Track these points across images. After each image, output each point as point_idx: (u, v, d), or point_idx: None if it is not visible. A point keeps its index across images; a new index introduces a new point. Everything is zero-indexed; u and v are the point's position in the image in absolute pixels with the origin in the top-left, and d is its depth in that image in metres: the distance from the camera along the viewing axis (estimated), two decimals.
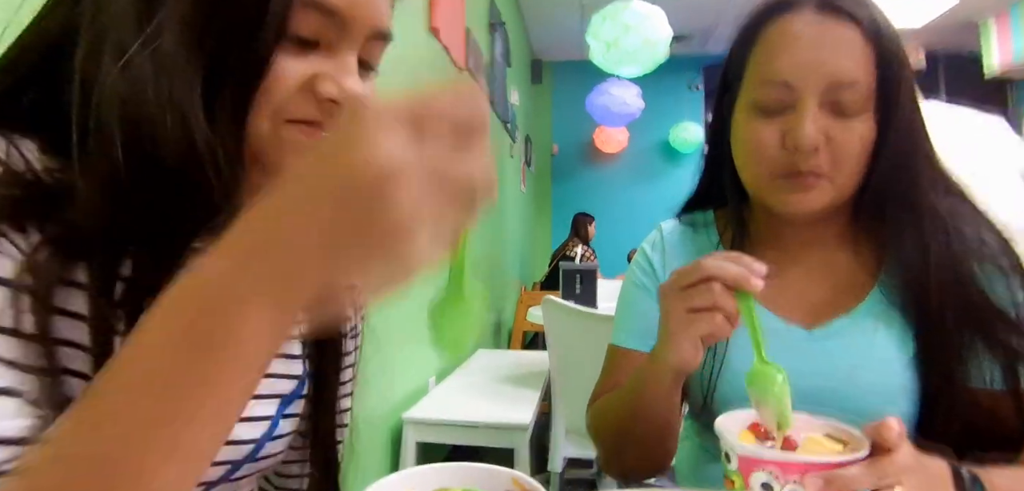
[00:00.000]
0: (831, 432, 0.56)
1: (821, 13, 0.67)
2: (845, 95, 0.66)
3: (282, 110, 0.43)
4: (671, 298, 0.62)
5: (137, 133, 0.39)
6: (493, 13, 3.81)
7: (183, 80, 0.40)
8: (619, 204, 6.61)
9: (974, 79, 5.38)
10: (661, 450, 0.76)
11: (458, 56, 2.77)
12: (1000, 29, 5.00)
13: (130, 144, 0.39)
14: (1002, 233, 0.71)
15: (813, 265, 0.77)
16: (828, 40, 0.66)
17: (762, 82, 0.69)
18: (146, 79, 0.39)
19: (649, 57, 3.52)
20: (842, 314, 0.73)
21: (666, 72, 4.33)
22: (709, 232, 0.85)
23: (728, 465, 0.54)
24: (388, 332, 1.97)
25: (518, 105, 5.14)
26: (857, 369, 0.70)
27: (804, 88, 0.66)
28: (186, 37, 0.40)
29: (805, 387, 0.70)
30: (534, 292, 4.78)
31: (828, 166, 0.67)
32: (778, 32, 0.69)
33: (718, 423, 0.56)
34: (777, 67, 0.68)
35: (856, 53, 0.66)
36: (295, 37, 0.42)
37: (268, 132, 0.43)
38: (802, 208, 0.70)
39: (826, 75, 0.65)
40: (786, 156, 0.68)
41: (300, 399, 0.56)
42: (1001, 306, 0.67)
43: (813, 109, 0.66)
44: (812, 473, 0.49)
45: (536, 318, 2.62)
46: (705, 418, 0.78)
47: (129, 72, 0.39)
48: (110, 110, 0.39)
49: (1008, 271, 0.69)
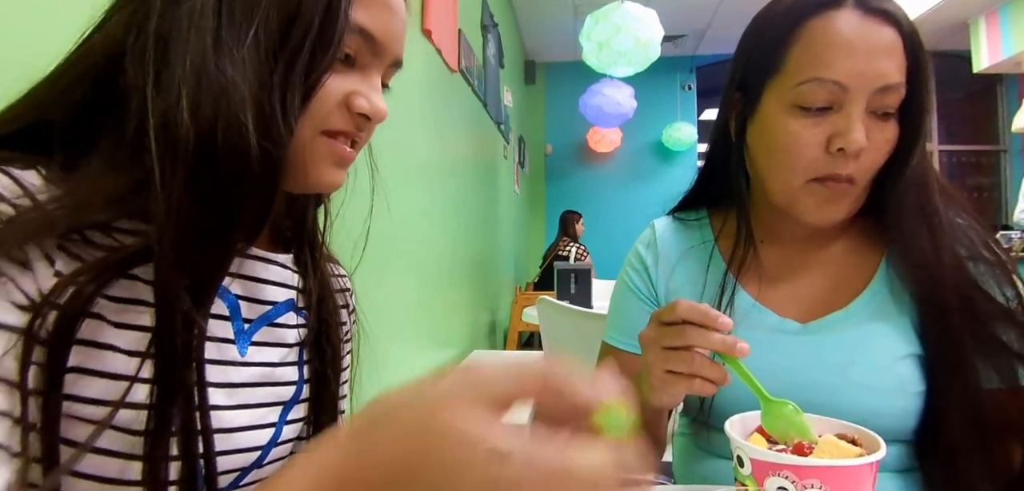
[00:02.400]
0: (843, 432, 0.56)
1: (865, 14, 0.65)
2: (889, 98, 0.65)
3: (323, 122, 0.48)
4: (651, 354, 0.61)
5: (215, 146, 0.41)
6: (486, 14, 3.81)
7: (261, 89, 0.43)
8: (613, 204, 6.63)
9: (963, 77, 5.43)
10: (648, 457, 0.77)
11: (450, 58, 2.77)
12: (989, 28, 5.05)
13: (207, 151, 0.41)
14: (988, 232, 0.72)
15: (810, 261, 0.77)
16: (877, 41, 0.65)
17: (810, 80, 0.66)
18: (226, 87, 0.42)
19: (642, 57, 3.53)
20: (837, 310, 0.74)
21: (659, 72, 4.35)
22: (702, 230, 0.85)
23: (741, 469, 0.53)
24: (384, 336, 1.97)
25: (511, 106, 5.14)
26: (850, 365, 0.70)
27: (857, 89, 0.64)
28: (260, 55, 0.43)
29: (797, 382, 0.70)
30: (528, 292, 4.79)
31: (861, 172, 0.67)
32: (824, 29, 0.66)
33: (728, 427, 0.56)
34: (829, 65, 0.65)
35: (897, 56, 0.65)
36: (341, 56, 0.47)
37: (307, 140, 0.48)
38: (833, 219, 0.69)
39: (878, 77, 0.64)
40: (828, 160, 0.66)
41: (300, 403, 0.57)
42: (1006, 303, 0.68)
43: (861, 112, 0.65)
44: (834, 474, 0.49)
45: (531, 318, 2.62)
46: (701, 417, 0.78)
47: (205, 86, 0.41)
48: (195, 104, 0.41)
49: (997, 269, 0.69)
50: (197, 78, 0.41)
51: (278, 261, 0.56)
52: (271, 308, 0.54)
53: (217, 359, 0.49)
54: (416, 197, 2.35)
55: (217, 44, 0.42)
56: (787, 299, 0.76)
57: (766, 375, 0.73)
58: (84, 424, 0.41)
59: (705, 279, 0.81)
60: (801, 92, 0.67)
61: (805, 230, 0.76)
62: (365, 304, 0.74)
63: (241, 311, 0.52)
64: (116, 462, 0.42)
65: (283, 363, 0.55)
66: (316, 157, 0.49)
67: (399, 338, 2.16)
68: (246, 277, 0.53)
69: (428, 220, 2.54)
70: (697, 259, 0.83)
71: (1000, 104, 6.24)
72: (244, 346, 0.51)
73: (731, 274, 0.79)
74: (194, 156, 0.41)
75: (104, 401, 0.41)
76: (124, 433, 0.42)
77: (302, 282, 0.57)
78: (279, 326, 0.55)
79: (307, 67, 0.45)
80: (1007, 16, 4.85)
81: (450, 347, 2.92)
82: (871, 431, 0.54)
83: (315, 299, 0.57)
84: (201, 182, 0.41)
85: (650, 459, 0.75)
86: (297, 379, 0.56)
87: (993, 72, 5.27)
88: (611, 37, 3.45)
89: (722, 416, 0.59)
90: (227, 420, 0.49)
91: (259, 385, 0.52)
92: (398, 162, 2.10)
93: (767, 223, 0.79)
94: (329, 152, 0.49)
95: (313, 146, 0.48)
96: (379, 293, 1.90)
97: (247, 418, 0.51)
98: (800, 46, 0.67)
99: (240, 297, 0.52)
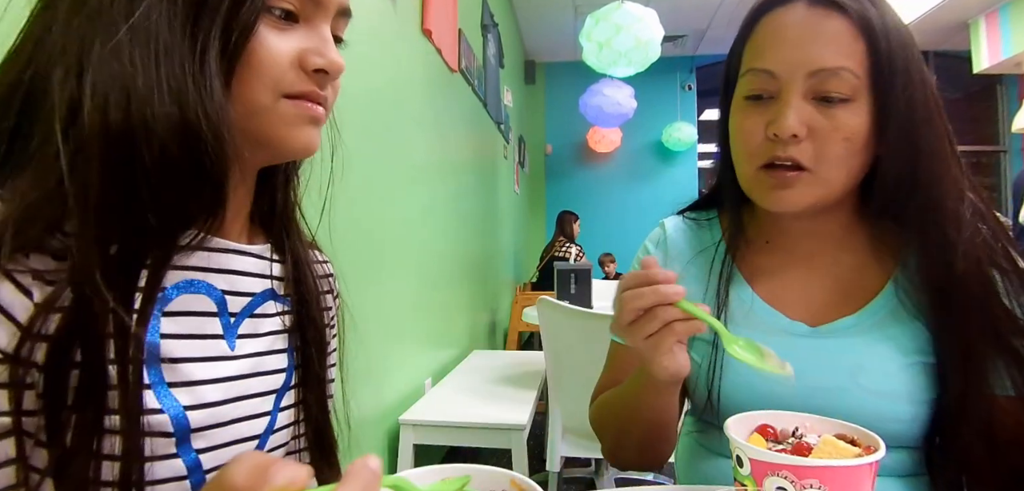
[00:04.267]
0: (842, 432, 0.56)
1: (811, 6, 0.68)
2: (829, 84, 0.66)
3: (278, 85, 0.47)
4: (627, 335, 0.64)
5: (133, 118, 0.40)
6: (486, 14, 3.81)
7: (175, 60, 0.42)
8: (612, 204, 6.63)
9: (963, 77, 5.43)
10: (660, 447, 0.77)
11: (451, 58, 2.77)
12: (989, 28, 5.05)
13: (125, 132, 0.40)
14: (1010, 239, 0.71)
15: (818, 264, 0.77)
16: (813, 31, 0.67)
17: (750, 72, 0.70)
18: (140, 63, 0.41)
19: (642, 57, 3.54)
20: (848, 314, 0.73)
21: (659, 72, 4.35)
22: (712, 230, 0.85)
23: (740, 469, 0.53)
24: (384, 336, 1.97)
25: (511, 106, 5.14)
26: (860, 370, 0.70)
27: (787, 77, 0.67)
28: (175, 19, 0.42)
29: (807, 385, 0.70)
30: (527, 292, 4.78)
31: (810, 158, 0.67)
32: (769, 26, 0.70)
33: (728, 426, 0.56)
34: (763, 58, 0.69)
35: (843, 42, 0.66)
36: (279, 12, 0.47)
37: (268, 105, 0.47)
38: (785, 206, 0.70)
39: (808, 63, 0.66)
40: (768, 146, 0.68)
41: (291, 390, 0.58)
42: (1017, 317, 0.67)
43: (796, 98, 0.66)
44: (833, 474, 0.48)
45: (531, 318, 2.62)
46: (708, 416, 0.78)
47: (120, 60, 0.41)
48: (104, 98, 0.40)
49: (1013, 277, 0.68)
50: (100, 65, 0.40)
51: (253, 252, 0.56)
52: (251, 299, 0.55)
53: (212, 355, 0.50)
54: (416, 197, 2.35)
55: (128, 24, 0.41)
56: (797, 302, 0.76)
57: (774, 378, 0.73)
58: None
59: (713, 279, 0.81)
60: (743, 84, 0.71)
61: (808, 229, 0.76)
62: (365, 304, 0.74)
63: (227, 306, 0.52)
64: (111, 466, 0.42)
65: (270, 352, 0.56)
66: (284, 121, 0.48)
67: (399, 338, 2.16)
68: (229, 271, 0.53)
69: (428, 220, 2.54)
70: (706, 259, 0.83)
71: (1000, 104, 6.24)
72: (232, 340, 0.52)
73: (740, 274, 0.79)
74: (105, 148, 0.40)
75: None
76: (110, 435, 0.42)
77: (281, 269, 0.58)
78: (260, 316, 0.55)
79: (226, 25, 0.43)
80: (1007, 16, 4.85)
81: (450, 347, 2.92)
82: (871, 431, 0.54)
83: (292, 281, 0.58)
84: (117, 173, 0.40)
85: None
86: (286, 366, 0.57)
87: (993, 72, 5.27)
88: (611, 37, 3.45)
89: (730, 414, 0.59)
90: (225, 414, 0.50)
91: (250, 376, 0.53)
92: (398, 162, 2.10)
93: (771, 222, 0.79)
94: (296, 114, 0.49)
95: (277, 111, 0.48)
96: (379, 293, 1.90)
97: (243, 409, 0.51)
98: (751, 43, 0.72)
99: (225, 292, 0.52)
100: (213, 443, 0.48)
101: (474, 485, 0.46)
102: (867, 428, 0.56)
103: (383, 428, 1.97)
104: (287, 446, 0.59)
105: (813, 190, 0.69)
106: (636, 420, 0.73)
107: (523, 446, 1.97)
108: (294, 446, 0.60)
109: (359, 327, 0.70)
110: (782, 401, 0.64)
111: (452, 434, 2.03)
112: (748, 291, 0.78)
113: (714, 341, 0.75)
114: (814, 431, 0.57)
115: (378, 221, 1.88)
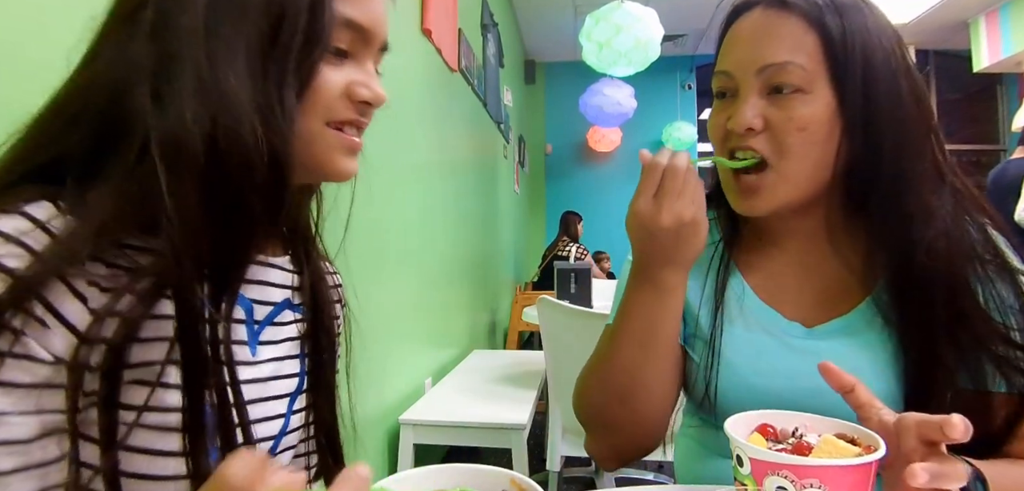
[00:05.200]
0: (842, 432, 0.56)
1: (764, 10, 0.72)
2: (779, 77, 0.69)
3: (327, 114, 0.52)
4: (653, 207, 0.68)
5: (226, 143, 0.44)
6: (486, 14, 3.81)
7: (257, 90, 0.46)
8: (613, 203, 6.63)
9: (963, 76, 5.43)
10: (639, 413, 0.76)
11: (450, 57, 2.77)
12: (989, 28, 5.05)
13: (220, 156, 0.44)
14: (1007, 231, 0.71)
15: (809, 263, 0.77)
16: (763, 30, 0.71)
17: (715, 75, 0.75)
18: (226, 97, 0.45)
19: (641, 57, 3.54)
20: (840, 315, 0.73)
21: (659, 72, 4.36)
22: (712, 231, 0.85)
23: (740, 469, 0.53)
24: (384, 336, 1.97)
25: (511, 105, 5.14)
26: (854, 372, 0.70)
27: (740, 75, 0.71)
28: (253, 52, 0.46)
29: (805, 386, 0.70)
30: (528, 292, 4.79)
31: (768, 150, 0.69)
32: (731, 33, 0.75)
33: (727, 426, 0.56)
34: (724, 60, 0.74)
35: (793, 37, 0.69)
36: (334, 50, 0.51)
37: (317, 132, 0.52)
38: (755, 210, 0.72)
39: (757, 60, 0.70)
40: (730, 139, 0.72)
41: (302, 393, 0.60)
42: (998, 310, 0.66)
43: (751, 95, 0.70)
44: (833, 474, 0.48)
45: (531, 318, 2.62)
46: (706, 412, 0.78)
47: (207, 97, 0.44)
48: (202, 125, 0.44)
49: (1014, 271, 0.68)
50: (198, 93, 0.44)
51: (277, 264, 0.59)
52: (272, 308, 0.58)
53: (238, 360, 0.53)
54: (416, 197, 2.35)
55: (212, 57, 0.45)
56: (793, 302, 0.76)
57: (773, 377, 0.73)
58: (143, 429, 0.45)
59: (711, 278, 0.81)
60: (714, 89, 0.76)
61: (793, 228, 0.77)
62: (365, 304, 0.74)
63: (254, 314, 0.56)
64: (167, 461, 0.46)
65: (287, 357, 0.59)
66: (327, 148, 0.53)
67: (399, 338, 2.16)
68: (257, 282, 0.56)
69: (428, 220, 2.54)
70: (705, 259, 0.83)
71: (1000, 104, 6.25)
72: (254, 346, 0.55)
73: (739, 273, 0.80)
74: (203, 168, 0.44)
75: (141, 407, 0.44)
76: (162, 430, 0.45)
77: (298, 279, 0.61)
78: (278, 325, 0.58)
79: (298, 62, 0.48)
80: (1007, 16, 4.85)
81: (450, 347, 2.92)
82: (868, 430, 0.54)
83: (310, 291, 0.61)
84: (212, 191, 0.44)
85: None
86: (299, 371, 0.60)
87: (993, 72, 5.27)
88: (611, 37, 3.46)
89: (728, 414, 0.59)
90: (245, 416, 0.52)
91: (269, 380, 0.56)
92: (398, 162, 2.10)
93: (762, 221, 0.80)
94: (339, 143, 0.53)
95: (323, 138, 0.52)
96: (379, 293, 1.90)
97: (260, 411, 0.55)
98: (720, 50, 0.77)
99: (253, 301, 0.56)
100: (233, 443, 0.50)
101: (474, 485, 0.47)
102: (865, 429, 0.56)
103: (383, 428, 1.97)
104: (297, 448, 0.61)
105: (779, 189, 0.70)
106: (636, 349, 0.73)
107: (523, 446, 1.97)
108: (304, 448, 0.63)
109: (360, 327, 0.70)
110: (779, 400, 0.64)
111: (452, 434, 2.03)
112: (747, 291, 0.79)
113: (711, 341, 0.76)
114: (814, 430, 0.57)
115: (378, 221, 1.88)
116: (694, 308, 0.81)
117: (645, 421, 0.77)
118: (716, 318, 0.77)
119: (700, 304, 0.80)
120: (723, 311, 0.78)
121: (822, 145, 0.69)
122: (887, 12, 0.74)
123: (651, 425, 0.78)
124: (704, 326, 0.79)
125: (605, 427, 0.82)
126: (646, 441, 0.79)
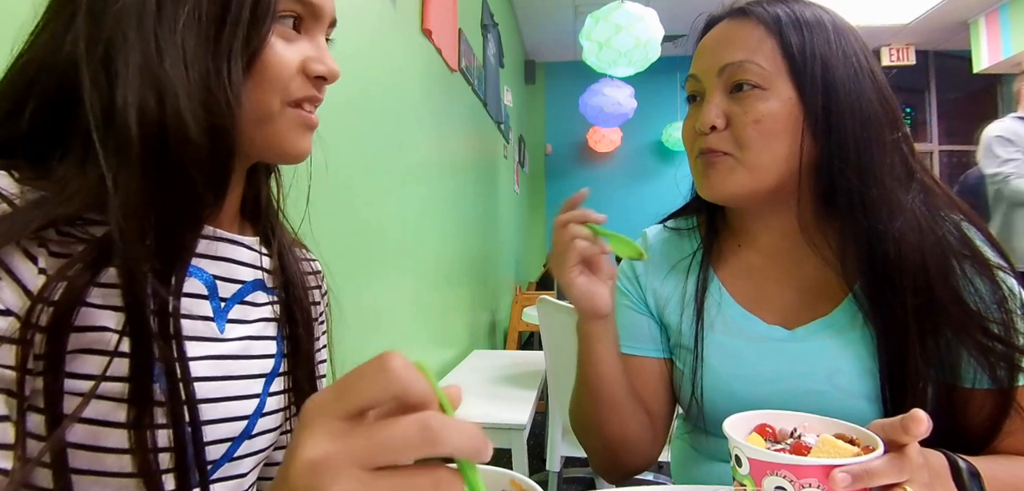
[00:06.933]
0: (841, 432, 0.56)
1: (728, 21, 0.77)
2: (737, 75, 0.72)
3: (285, 93, 0.52)
4: (552, 265, 0.74)
5: (168, 121, 0.44)
6: (486, 14, 3.81)
7: (203, 67, 0.46)
8: (613, 204, 6.62)
9: (963, 76, 5.43)
10: (621, 430, 0.78)
11: (450, 57, 2.78)
12: (989, 28, 5.05)
13: (162, 134, 0.44)
14: (982, 226, 0.71)
15: (786, 262, 0.78)
16: (724, 36, 0.76)
17: (686, 82, 0.81)
18: (172, 70, 0.45)
19: (642, 57, 3.53)
20: (822, 314, 0.74)
21: (659, 72, 4.35)
22: (692, 237, 0.86)
23: (739, 469, 0.53)
24: (383, 336, 1.97)
25: (511, 106, 5.14)
26: (837, 373, 0.70)
27: (705, 78, 0.76)
28: (200, 28, 0.47)
29: (787, 389, 0.71)
30: (529, 292, 4.79)
31: (730, 144, 0.73)
32: (701, 43, 0.80)
33: (726, 426, 0.56)
34: (693, 66, 0.79)
35: (749, 40, 0.73)
36: (282, 20, 0.51)
37: (276, 112, 0.52)
38: (716, 189, 0.74)
39: (717, 62, 0.74)
40: (698, 138, 0.76)
41: (281, 376, 0.61)
42: (976, 306, 0.66)
43: (715, 95, 0.74)
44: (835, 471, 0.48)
45: (531, 318, 2.62)
46: (694, 415, 0.79)
47: (154, 68, 0.45)
48: (143, 104, 0.44)
49: (990, 266, 0.68)
50: (137, 73, 0.44)
51: (245, 243, 0.59)
52: (241, 287, 0.58)
53: (202, 335, 0.53)
54: (416, 197, 2.35)
55: (153, 33, 0.45)
56: (773, 305, 0.77)
57: (755, 383, 0.74)
58: (82, 397, 0.44)
59: (690, 285, 0.82)
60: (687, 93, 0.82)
61: (765, 226, 0.78)
62: (365, 304, 0.74)
63: (218, 290, 0.55)
64: (111, 431, 0.46)
65: (260, 337, 0.59)
66: (286, 127, 0.53)
67: (399, 338, 2.16)
68: (220, 258, 0.56)
69: (428, 220, 2.54)
70: (685, 266, 0.84)
71: (1000, 104, 6.24)
72: (222, 323, 0.55)
73: (717, 279, 0.81)
74: (143, 145, 0.44)
75: (99, 377, 0.44)
76: (114, 402, 0.46)
77: (269, 262, 0.62)
78: (249, 304, 0.59)
79: (247, 36, 0.48)
80: (1007, 16, 4.85)
81: (450, 347, 2.92)
82: (868, 431, 0.54)
83: (279, 269, 0.62)
84: (153, 167, 0.44)
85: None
86: (276, 353, 0.60)
87: (993, 72, 5.27)
88: (611, 37, 3.45)
89: (715, 420, 0.60)
90: (212, 391, 0.53)
91: (239, 358, 0.56)
92: (398, 162, 2.10)
93: (739, 223, 0.82)
94: (298, 120, 0.54)
95: (283, 118, 0.52)
96: (379, 293, 1.90)
97: (231, 389, 0.55)
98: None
99: (216, 277, 0.56)
100: (200, 419, 0.51)
101: None
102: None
103: None
104: (279, 428, 0.61)
105: (739, 174, 0.72)
106: (584, 390, 0.77)
107: (523, 446, 1.97)
108: (287, 427, 0.62)
109: (359, 327, 0.70)
110: (763, 405, 0.64)
111: None
112: (725, 296, 0.80)
113: (695, 348, 0.78)
114: (813, 431, 0.57)
115: (378, 221, 1.88)
116: (676, 318, 0.82)
117: (632, 442, 0.79)
118: (697, 327, 0.78)
119: (681, 313, 0.81)
120: (703, 319, 0.79)
121: (781, 137, 0.71)
122: (887, 13, 0.76)
123: (644, 445, 0.80)
124: (686, 335, 0.80)
125: (594, 453, 0.84)
126: (637, 460, 0.81)
